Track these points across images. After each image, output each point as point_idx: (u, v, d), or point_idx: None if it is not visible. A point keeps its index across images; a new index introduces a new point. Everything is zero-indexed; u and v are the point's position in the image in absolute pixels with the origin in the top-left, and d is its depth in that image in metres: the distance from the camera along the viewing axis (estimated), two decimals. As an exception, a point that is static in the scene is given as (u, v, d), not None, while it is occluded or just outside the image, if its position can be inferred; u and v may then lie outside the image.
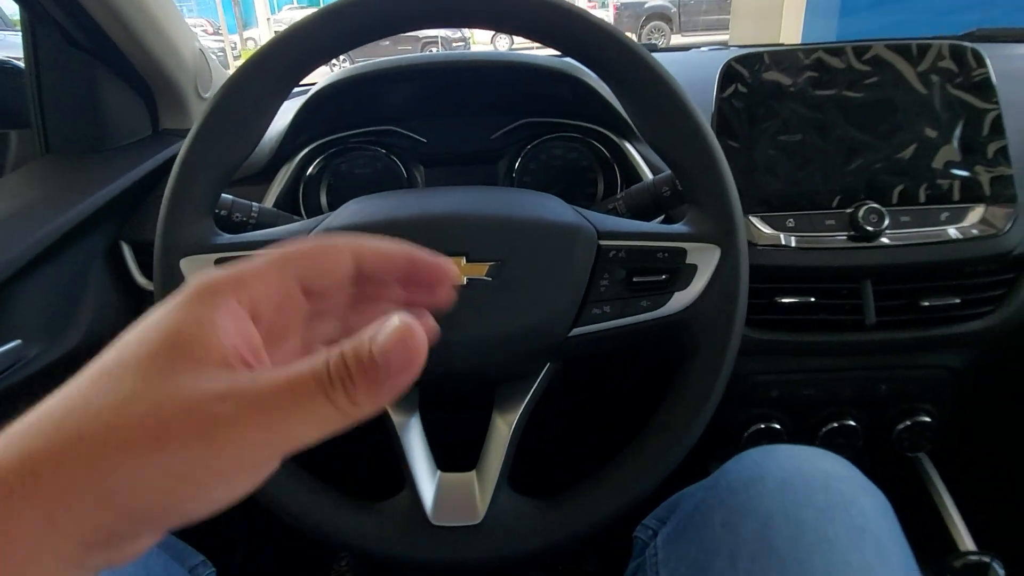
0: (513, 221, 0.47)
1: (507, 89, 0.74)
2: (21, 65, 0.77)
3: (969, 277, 0.66)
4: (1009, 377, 0.72)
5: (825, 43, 0.71)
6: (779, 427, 0.73)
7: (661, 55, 1.00)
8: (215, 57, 0.91)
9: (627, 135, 0.73)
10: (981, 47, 0.67)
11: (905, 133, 0.66)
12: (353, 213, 0.49)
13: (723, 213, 0.46)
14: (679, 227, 0.48)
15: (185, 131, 0.84)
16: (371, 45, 0.48)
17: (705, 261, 0.46)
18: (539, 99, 0.75)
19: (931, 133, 0.66)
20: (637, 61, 0.45)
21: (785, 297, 0.66)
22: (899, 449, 0.74)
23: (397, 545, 0.47)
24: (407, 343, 0.20)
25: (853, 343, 0.67)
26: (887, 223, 0.64)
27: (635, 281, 0.46)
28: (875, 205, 0.64)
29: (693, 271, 0.46)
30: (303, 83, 0.51)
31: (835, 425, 0.72)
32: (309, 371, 0.20)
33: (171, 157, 0.78)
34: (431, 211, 0.48)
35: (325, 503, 0.47)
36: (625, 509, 0.46)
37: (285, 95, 0.48)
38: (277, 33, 0.46)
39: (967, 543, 0.73)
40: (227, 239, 0.48)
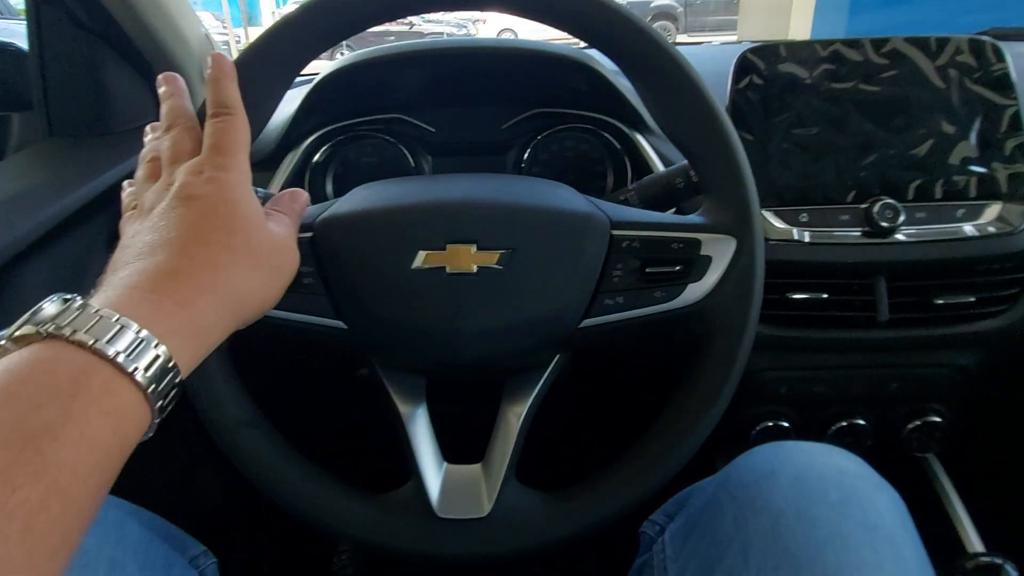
0: (525, 209, 0.46)
1: (517, 78, 0.73)
2: (24, 48, 0.76)
3: (984, 275, 0.65)
4: (1020, 377, 0.71)
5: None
6: (788, 425, 0.72)
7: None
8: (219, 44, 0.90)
9: (639, 127, 0.72)
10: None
11: (922, 128, 0.65)
12: (361, 199, 0.48)
13: (740, 204, 0.45)
14: (694, 217, 0.47)
15: None
16: (375, 40, 0.47)
17: (720, 252, 0.45)
18: (550, 89, 0.74)
19: (948, 128, 0.65)
20: (657, 49, 0.44)
21: (797, 293, 0.65)
22: (908, 449, 0.73)
23: (401, 537, 0.46)
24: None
25: (865, 340, 0.66)
26: (902, 219, 0.63)
27: (648, 272, 0.46)
28: (890, 201, 0.63)
29: (708, 262, 0.45)
30: (309, 71, 0.50)
31: (844, 423, 0.72)
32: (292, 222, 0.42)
33: None
34: (441, 198, 0.47)
35: (330, 494, 0.47)
36: (635, 504, 0.46)
37: (289, 81, 0.47)
38: (282, 17, 0.46)
39: (975, 544, 0.72)
40: None
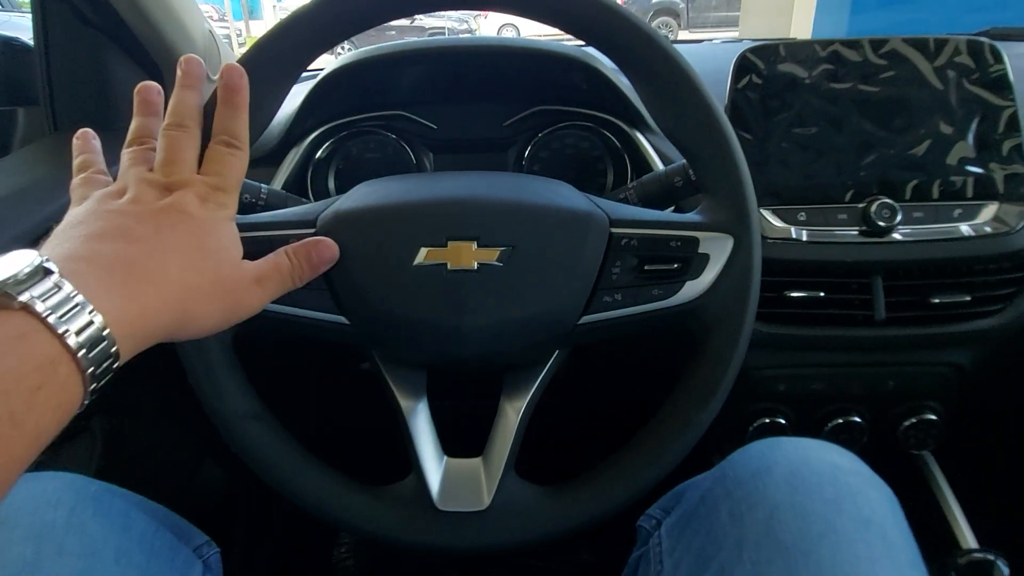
0: (525, 207, 0.47)
1: (518, 76, 0.74)
2: (30, 43, 0.76)
3: (980, 275, 0.65)
4: (1016, 377, 0.72)
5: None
6: (784, 422, 0.73)
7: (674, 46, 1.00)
8: (222, 39, 0.90)
9: (639, 125, 0.72)
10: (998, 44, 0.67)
11: (920, 128, 0.65)
12: (364, 196, 0.48)
13: (737, 203, 0.46)
14: (692, 216, 0.47)
15: None
16: (377, 35, 0.47)
17: (718, 251, 0.46)
18: (551, 87, 0.74)
19: (946, 129, 0.65)
20: (655, 48, 0.45)
21: (794, 291, 0.65)
22: (904, 446, 0.74)
23: (402, 529, 0.47)
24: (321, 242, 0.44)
25: (862, 339, 0.67)
26: (899, 219, 0.63)
27: (647, 269, 0.46)
28: (888, 200, 0.63)
29: (706, 260, 0.46)
30: (313, 67, 0.50)
31: (841, 421, 0.72)
32: (275, 261, 0.41)
33: None
34: (442, 195, 0.47)
35: (332, 485, 0.47)
36: (633, 498, 0.46)
37: (294, 78, 0.48)
38: (287, 15, 0.46)
39: (970, 541, 0.73)
40: (237, 219, 0.47)
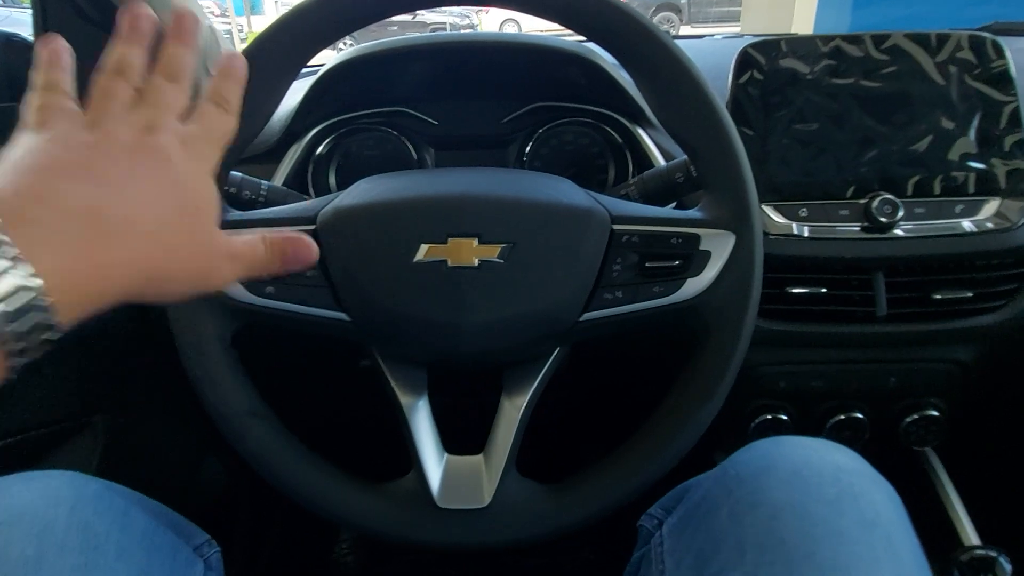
0: (526, 203, 0.47)
1: (519, 72, 0.74)
2: (31, 39, 0.76)
3: (982, 271, 0.65)
4: (1019, 373, 0.71)
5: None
6: (786, 418, 0.73)
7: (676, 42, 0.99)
8: (222, 35, 0.90)
9: (640, 121, 0.72)
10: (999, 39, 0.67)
11: (921, 124, 0.65)
12: (365, 191, 0.48)
13: (738, 200, 0.46)
14: (693, 213, 0.47)
15: None
16: (378, 31, 0.47)
17: (719, 248, 0.46)
18: (551, 83, 0.74)
19: (948, 125, 0.65)
20: (656, 44, 0.45)
21: (796, 287, 0.65)
22: (906, 443, 0.74)
23: (402, 526, 0.47)
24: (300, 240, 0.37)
25: (863, 335, 0.67)
26: (901, 214, 0.63)
27: (648, 266, 0.46)
28: (889, 196, 0.63)
29: (707, 257, 0.46)
30: (313, 63, 0.50)
31: (842, 417, 0.72)
32: (250, 243, 0.36)
33: None
34: (443, 191, 0.47)
35: (333, 483, 0.47)
36: (634, 495, 0.46)
37: (295, 74, 0.48)
38: (288, 11, 0.46)
39: (972, 538, 0.72)
40: (237, 215, 0.48)
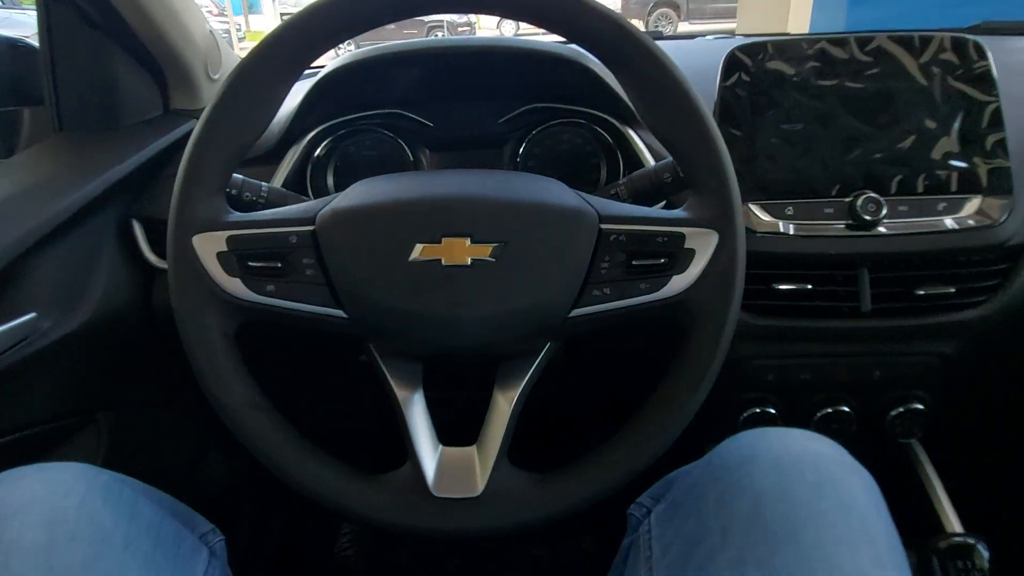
0: (517, 204, 0.48)
1: (513, 75, 0.75)
2: (35, 44, 0.78)
3: (964, 267, 0.67)
4: (1001, 366, 0.73)
5: (829, 33, 0.71)
6: (774, 411, 0.74)
7: (666, 43, 1.01)
8: (222, 37, 0.92)
9: (630, 121, 0.73)
10: (985, 39, 0.68)
11: (905, 124, 0.67)
12: (360, 194, 0.50)
13: (722, 200, 0.47)
14: (678, 212, 0.49)
15: (195, 111, 0.85)
16: (377, 29, 0.49)
17: (703, 246, 0.47)
18: (544, 85, 0.75)
19: (931, 124, 0.67)
20: (639, 47, 0.46)
21: (783, 283, 0.67)
22: (892, 435, 0.75)
23: (398, 514, 0.48)
24: None
25: (849, 330, 0.68)
26: (885, 212, 0.65)
27: (635, 264, 0.48)
28: (873, 195, 0.65)
29: (691, 255, 0.47)
30: (312, 66, 0.52)
31: (829, 410, 0.74)
32: None
33: (181, 137, 0.79)
34: (437, 193, 0.49)
35: (332, 473, 0.49)
36: (622, 484, 0.48)
37: (297, 76, 0.49)
38: (291, 15, 0.47)
39: (955, 526, 0.74)
40: (238, 217, 0.49)
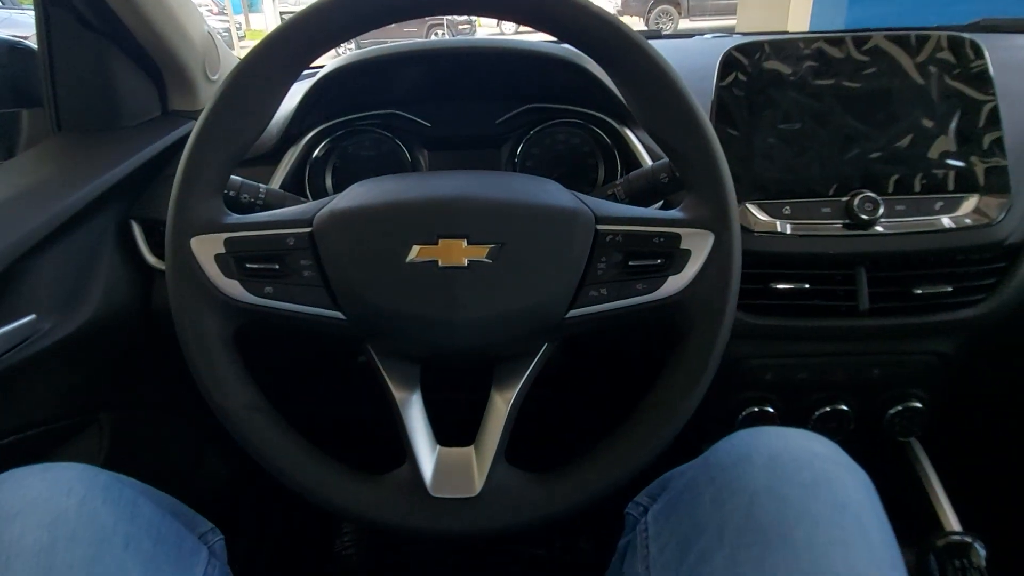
0: (514, 205, 0.48)
1: (511, 75, 0.75)
2: (33, 46, 0.78)
3: (961, 266, 0.67)
4: (998, 364, 0.73)
5: (825, 33, 0.72)
6: (772, 411, 0.75)
7: (664, 42, 1.01)
8: (220, 38, 0.92)
9: (627, 122, 0.74)
10: (984, 38, 0.68)
11: (902, 123, 0.67)
12: (357, 195, 0.50)
13: (717, 200, 0.47)
14: (674, 213, 0.49)
15: (194, 112, 0.85)
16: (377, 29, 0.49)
17: (699, 246, 0.47)
18: (542, 85, 0.75)
19: (928, 123, 0.67)
20: (633, 48, 0.46)
21: (780, 283, 0.67)
22: (890, 434, 0.75)
23: (397, 515, 0.48)
24: None
25: (846, 329, 0.68)
26: (882, 211, 0.65)
27: (631, 265, 0.48)
28: (870, 194, 0.65)
29: (687, 256, 0.47)
30: (311, 66, 0.52)
31: (828, 409, 0.74)
32: None
33: (180, 138, 0.79)
34: (434, 194, 0.49)
35: (331, 474, 0.49)
36: (620, 484, 0.48)
37: (295, 77, 0.49)
38: (290, 16, 0.47)
39: (953, 525, 0.74)
40: (236, 219, 0.49)
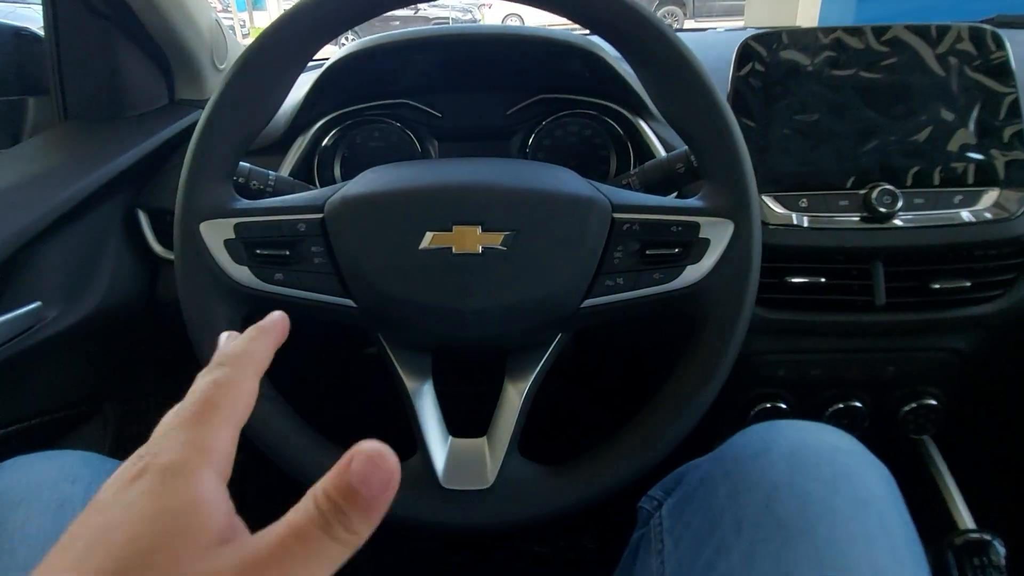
0: (529, 192, 0.47)
1: (522, 64, 0.74)
2: (40, 33, 0.77)
3: (980, 260, 0.66)
4: (1016, 362, 0.72)
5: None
6: (786, 407, 0.74)
7: (678, 34, 1.00)
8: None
9: (641, 113, 0.73)
10: (1001, 31, 0.67)
11: (921, 115, 0.66)
12: (370, 181, 0.49)
13: (737, 188, 0.47)
14: (693, 201, 0.48)
15: (200, 101, 0.85)
16: (381, 25, 0.48)
17: (718, 235, 0.47)
18: (554, 75, 0.75)
19: (947, 116, 0.65)
20: (658, 35, 0.46)
21: (795, 277, 0.66)
22: (904, 431, 0.74)
23: (407, 507, 0.48)
24: (380, 465, 0.20)
25: (862, 324, 0.67)
26: (900, 205, 0.64)
27: (648, 254, 0.47)
28: (889, 187, 0.64)
29: (706, 245, 0.46)
30: (319, 56, 0.51)
31: (841, 406, 0.73)
32: (305, 518, 0.20)
33: (187, 127, 0.78)
34: (449, 180, 0.48)
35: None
36: (634, 477, 0.47)
37: (303, 65, 0.49)
38: (296, 3, 0.47)
39: (968, 523, 0.73)
40: (245, 204, 0.48)
